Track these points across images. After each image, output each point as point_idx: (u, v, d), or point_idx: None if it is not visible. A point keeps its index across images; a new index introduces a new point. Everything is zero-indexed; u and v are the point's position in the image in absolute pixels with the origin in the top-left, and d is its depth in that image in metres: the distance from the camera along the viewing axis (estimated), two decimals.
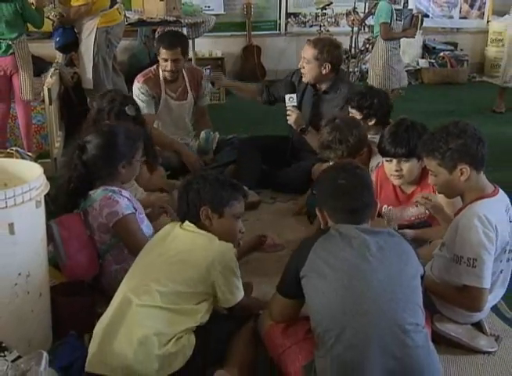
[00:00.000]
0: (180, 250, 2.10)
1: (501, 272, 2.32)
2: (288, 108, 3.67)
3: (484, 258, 2.17)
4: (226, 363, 2.05)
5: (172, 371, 1.96)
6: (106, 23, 4.39)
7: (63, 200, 2.57)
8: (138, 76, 3.99)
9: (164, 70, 3.90)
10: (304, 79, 3.76)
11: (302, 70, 3.73)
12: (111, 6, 4.46)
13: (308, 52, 3.67)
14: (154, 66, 4.02)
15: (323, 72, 3.66)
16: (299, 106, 3.73)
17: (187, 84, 4.03)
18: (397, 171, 2.72)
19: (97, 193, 2.50)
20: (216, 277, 2.05)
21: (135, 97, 3.77)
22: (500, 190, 2.32)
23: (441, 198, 2.59)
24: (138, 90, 3.89)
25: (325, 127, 3.02)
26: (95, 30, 4.36)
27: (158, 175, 3.42)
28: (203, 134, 3.94)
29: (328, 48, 3.64)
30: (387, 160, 2.77)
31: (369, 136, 3.12)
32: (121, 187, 2.58)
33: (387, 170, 2.78)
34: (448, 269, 2.26)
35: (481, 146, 2.23)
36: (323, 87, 3.77)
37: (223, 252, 2.10)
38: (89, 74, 4.44)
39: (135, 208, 2.53)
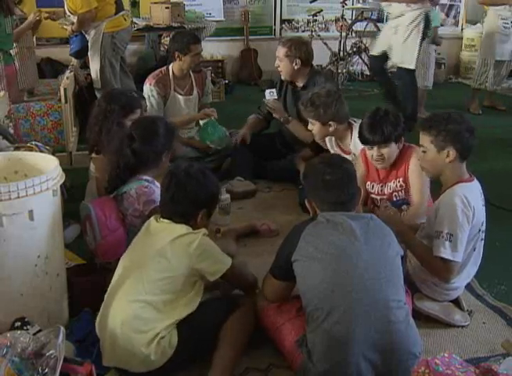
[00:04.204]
0: (163, 243, 1.98)
1: (474, 249, 2.32)
2: (269, 101, 3.71)
3: (460, 235, 2.18)
4: (212, 370, 1.94)
5: (154, 368, 1.91)
6: (111, 28, 4.40)
7: (110, 184, 2.53)
8: (149, 77, 3.94)
9: (195, 65, 3.90)
10: (282, 77, 3.77)
11: (278, 69, 3.74)
12: (116, 13, 4.44)
13: (280, 51, 3.69)
14: (164, 68, 3.99)
15: (295, 67, 3.66)
16: (284, 107, 3.77)
17: (193, 82, 4.02)
18: (379, 156, 2.71)
19: (133, 182, 2.47)
20: (199, 262, 1.97)
21: (146, 98, 3.77)
22: (475, 178, 2.33)
23: (414, 186, 2.67)
24: (149, 92, 3.85)
25: (313, 91, 3.14)
26: (101, 35, 4.38)
27: None
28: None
29: (296, 45, 3.65)
30: (368, 149, 2.74)
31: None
32: (153, 178, 2.53)
33: (369, 156, 2.77)
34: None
35: (472, 138, 2.25)
36: (300, 83, 3.76)
37: (200, 242, 1.98)
38: (97, 75, 4.45)
39: None
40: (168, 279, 1.94)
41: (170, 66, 3.94)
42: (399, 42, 4.89)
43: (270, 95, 3.73)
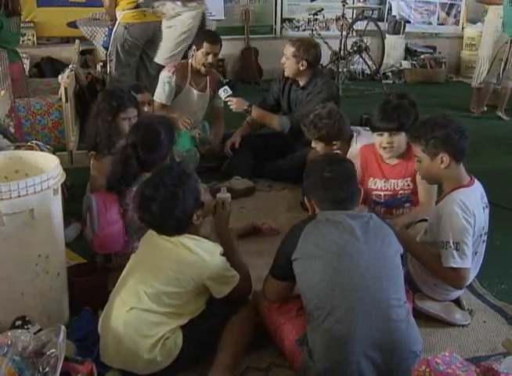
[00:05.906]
0: (174, 254, 1.96)
1: (476, 253, 2.31)
2: (227, 99, 3.76)
3: (466, 241, 2.17)
4: (213, 370, 1.95)
5: (159, 369, 1.91)
6: (126, 19, 4.50)
7: (110, 186, 2.55)
8: (170, 65, 3.98)
9: (203, 64, 3.85)
10: (285, 73, 3.79)
11: (284, 66, 3.76)
12: (138, 7, 4.50)
13: (288, 50, 3.70)
14: (185, 60, 4.04)
15: (301, 68, 3.67)
16: (288, 103, 3.80)
17: (208, 82, 4.01)
18: (388, 143, 2.70)
19: (136, 180, 2.48)
20: (207, 280, 1.97)
21: (161, 83, 3.82)
22: (475, 180, 2.32)
23: (421, 185, 2.66)
24: (167, 78, 3.84)
25: (314, 111, 3.08)
26: (118, 23, 4.52)
27: None
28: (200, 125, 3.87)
29: (305, 47, 3.65)
30: (378, 135, 2.72)
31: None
32: None
33: (377, 144, 2.75)
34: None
35: (463, 139, 2.23)
36: (301, 83, 3.77)
37: (213, 264, 1.96)
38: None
39: None
40: (173, 294, 1.93)
41: (189, 60, 3.97)
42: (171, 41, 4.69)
43: (225, 92, 3.77)
